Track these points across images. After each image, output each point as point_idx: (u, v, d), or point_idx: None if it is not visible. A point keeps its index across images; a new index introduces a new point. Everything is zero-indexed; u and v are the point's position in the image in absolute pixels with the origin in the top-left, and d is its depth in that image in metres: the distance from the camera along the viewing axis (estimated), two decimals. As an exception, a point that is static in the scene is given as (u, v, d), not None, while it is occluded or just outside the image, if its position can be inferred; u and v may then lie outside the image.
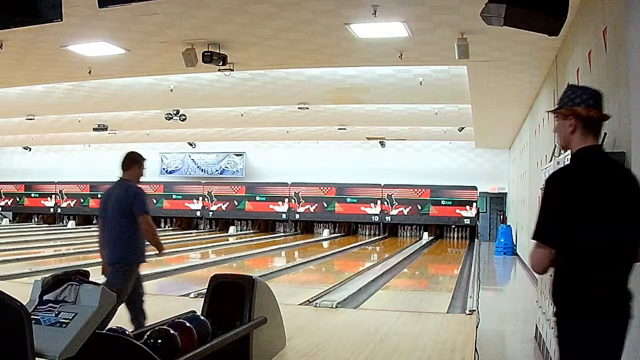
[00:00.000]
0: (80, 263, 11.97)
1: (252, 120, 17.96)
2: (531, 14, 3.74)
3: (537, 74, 9.93)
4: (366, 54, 9.18)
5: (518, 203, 17.32)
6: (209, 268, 11.81)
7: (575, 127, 2.59)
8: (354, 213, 22.54)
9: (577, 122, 2.58)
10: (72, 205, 26.18)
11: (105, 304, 3.15)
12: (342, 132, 20.53)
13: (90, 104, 15.09)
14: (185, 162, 26.34)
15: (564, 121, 2.62)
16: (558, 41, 7.59)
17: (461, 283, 10.82)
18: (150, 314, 5.21)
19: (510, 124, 16.24)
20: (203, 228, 24.58)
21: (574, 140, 2.61)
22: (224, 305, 4.61)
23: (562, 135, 2.65)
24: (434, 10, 7.03)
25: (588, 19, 5.91)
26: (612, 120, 4.72)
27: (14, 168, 27.69)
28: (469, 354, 5.21)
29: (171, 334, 3.79)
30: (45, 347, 2.83)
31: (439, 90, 12.64)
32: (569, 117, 2.59)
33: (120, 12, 7.03)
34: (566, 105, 2.62)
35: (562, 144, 2.70)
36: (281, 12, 7.31)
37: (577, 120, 2.58)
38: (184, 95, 13.81)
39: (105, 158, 26.60)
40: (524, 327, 7.41)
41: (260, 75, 11.94)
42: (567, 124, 2.60)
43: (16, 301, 2.74)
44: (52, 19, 4.07)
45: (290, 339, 5.53)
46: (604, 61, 5.09)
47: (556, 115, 2.67)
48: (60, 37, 8.48)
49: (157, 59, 9.78)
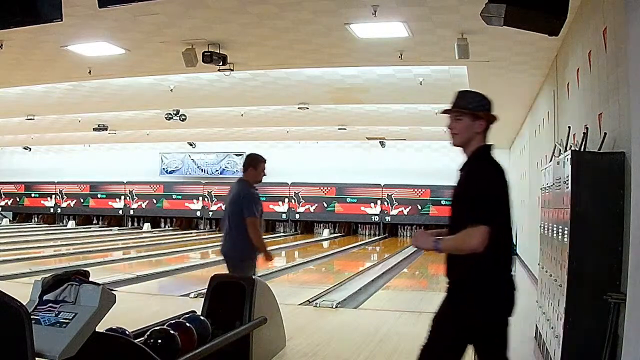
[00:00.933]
0: (80, 263, 11.99)
1: (252, 120, 17.94)
2: (531, 14, 3.73)
3: (537, 74, 9.93)
4: (366, 54, 9.17)
5: (518, 203, 17.31)
6: (208, 268, 11.81)
7: (484, 128, 3.03)
8: (354, 213, 22.54)
9: (485, 125, 3.02)
10: (72, 205, 26.19)
11: (105, 304, 3.15)
12: (342, 132, 20.52)
13: (90, 104, 15.08)
14: (185, 162, 26.33)
15: (472, 122, 2.99)
16: (558, 41, 7.59)
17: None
18: (150, 313, 5.22)
19: (510, 124, 16.22)
20: (203, 228, 24.59)
21: (477, 139, 3.02)
22: (224, 305, 4.61)
23: (467, 133, 3.01)
24: (434, 10, 7.02)
25: (588, 19, 5.91)
26: (612, 120, 4.73)
27: (14, 168, 27.69)
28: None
29: (171, 334, 3.80)
30: (45, 347, 2.83)
31: (439, 90, 12.62)
32: (480, 119, 3.00)
33: (120, 12, 7.03)
34: (477, 110, 3.00)
35: (462, 141, 3.03)
36: (281, 12, 7.30)
37: (486, 122, 3.02)
38: (184, 95, 13.80)
39: (105, 158, 26.63)
40: (524, 327, 7.40)
41: (260, 75, 11.93)
42: (476, 124, 3.00)
43: (16, 301, 2.73)
44: (52, 19, 4.07)
45: (290, 339, 5.53)
46: (604, 61, 5.08)
47: (458, 115, 3.01)
48: (60, 37, 8.47)
49: (157, 59, 9.78)
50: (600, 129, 5.02)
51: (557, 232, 5.03)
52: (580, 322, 4.28)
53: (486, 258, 2.83)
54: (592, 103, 5.53)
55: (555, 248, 5.11)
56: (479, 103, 3.03)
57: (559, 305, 4.65)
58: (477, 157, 3.03)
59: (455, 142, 3.06)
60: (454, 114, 3.03)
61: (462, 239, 2.84)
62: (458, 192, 3.04)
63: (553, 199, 5.44)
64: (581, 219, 4.30)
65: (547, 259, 5.83)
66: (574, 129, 6.23)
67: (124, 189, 25.57)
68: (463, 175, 3.03)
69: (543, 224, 6.20)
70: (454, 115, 3.02)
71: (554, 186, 5.36)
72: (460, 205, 2.98)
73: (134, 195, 25.40)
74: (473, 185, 2.93)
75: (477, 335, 2.94)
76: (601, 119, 5.08)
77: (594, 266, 4.23)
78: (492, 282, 2.91)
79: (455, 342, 2.94)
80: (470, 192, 2.92)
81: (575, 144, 5.88)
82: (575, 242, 4.33)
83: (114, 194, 25.67)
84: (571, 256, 4.33)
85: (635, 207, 3.58)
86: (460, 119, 3.00)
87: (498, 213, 2.88)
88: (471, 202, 2.87)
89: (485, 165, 2.99)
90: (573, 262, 4.31)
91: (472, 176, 2.97)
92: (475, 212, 2.84)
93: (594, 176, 4.35)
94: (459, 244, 2.86)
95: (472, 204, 2.86)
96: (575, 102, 6.71)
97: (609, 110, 4.82)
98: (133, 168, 25.82)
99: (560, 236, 4.84)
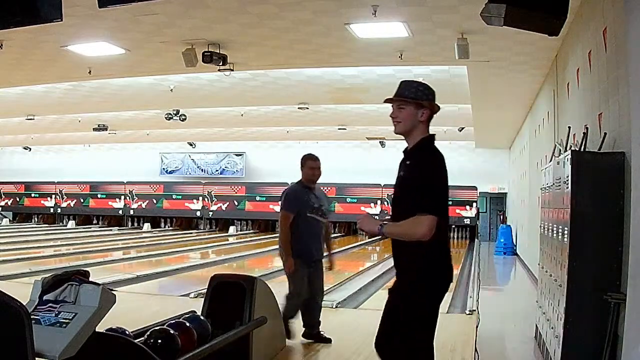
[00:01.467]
0: (80, 263, 11.98)
1: (252, 120, 17.95)
2: (531, 14, 3.73)
3: (537, 74, 9.93)
4: (366, 54, 9.18)
5: (518, 203, 17.31)
6: (209, 268, 11.81)
7: (427, 117, 3.08)
8: (354, 213, 22.54)
9: (429, 114, 3.08)
10: (72, 205, 26.18)
11: (105, 304, 3.15)
12: (342, 132, 20.53)
13: (90, 104, 15.09)
14: (185, 162, 26.33)
15: (416, 110, 3.06)
16: (558, 41, 7.59)
17: (461, 283, 10.82)
18: (150, 313, 5.22)
19: (510, 124, 16.23)
20: (203, 228, 24.58)
21: (420, 128, 3.08)
22: (224, 305, 4.60)
23: (410, 122, 3.07)
24: (434, 10, 7.02)
25: (588, 19, 5.91)
26: (612, 120, 4.73)
27: (14, 168, 27.69)
28: (469, 354, 5.22)
29: (171, 334, 3.79)
30: (45, 347, 2.83)
31: (439, 90, 12.56)
32: (424, 108, 3.06)
33: (120, 12, 7.03)
34: (422, 99, 3.06)
35: (405, 130, 3.10)
36: (281, 12, 7.30)
37: (429, 111, 3.08)
38: (184, 95, 13.81)
39: (105, 158, 26.63)
40: (524, 327, 7.40)
41: (260, 75, 11.93)
42: (419, 113, 3.06)
43: (16, 301, 2.73)
44: (52, 19, 4.07)
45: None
46: (604, 61, 5.08)
47: (402, 103, 3.07)
48: (60, 37, 8.47)
49: (157, 59, 9.78)
50: (600, 129, 5.02)
51: (557, 232, 5.03)
52: (580, 322, 4.28)
53: (432, 247, 2.92)
54: (592, 103, 5.53)
55: (555, 248, 5.12)
56: (423, 92, 3.09)
57: (559, 305, 4.65)
58: (422, 147, 3.08)
59: (398, 129, 3.12)
60: (397, 103, 3.10)
61: (410, 226, 2.89)
62: (403, 180, 3.08)
63: (553, 199, 5.44)
64: (581, 219, 4.30)
65: (547, 259, 5.83)
66: (574, 129, 6.23)
67: (124, 189, 25.57)
68: (409, 164, 3.07)
69: (543, 224, 6.20)
70: (397, 104, 3.10)
71: (554, 186, 5.36)
72: (405, 193, 3.03)
73: (134, 195, 25.40)
74: (420, 174, 2.98)
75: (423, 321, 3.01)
76: (601, 119, 5.08)
77: (594, 266, 4.23)
78: (438, 270, 3.01)
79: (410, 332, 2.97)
80: (417, 181, 2.97)
81: (575, 144, 5.88)
82: (575, 242, 4.33)
83: (114, 194, 25.67)
84: (571, 256, 4.33)
85: (635, 207, 3.58)
86: (404, 108, 3.07)
87: (443, 203, 2.99)
88: (418, 191, 2.93)
89: (431, 156, 3.04)
90: (573, 262, 4.32)
91: (419, 166, 3.02)
92: (424, 201, 2.90)
93: (594, 176, 4.35)
94: (406, 231, 2.92)
95: (420, 193, 2.92)
96: (575, 102, 6.71)
97: (609, 110, 4.82)
98: (133, 168, 25.83)
99: (560, 236, 4.84)
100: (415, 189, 2.94)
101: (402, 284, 3.04)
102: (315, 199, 5.52)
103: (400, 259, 3.07)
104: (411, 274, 3.00)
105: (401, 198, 3.07)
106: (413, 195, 2.93)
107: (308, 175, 5.54)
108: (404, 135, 3.13)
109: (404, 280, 3.04)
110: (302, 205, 5.42)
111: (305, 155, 5.66)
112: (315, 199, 5.52)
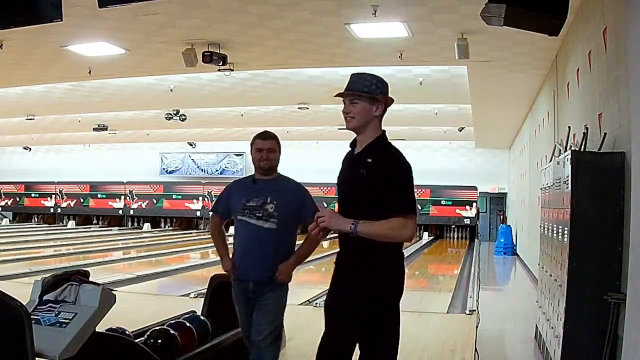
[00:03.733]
0: (80, 263, 11.98)
1: (252, 120, 17.94)
2: (531, 14, 3.73)
3: (537, 74, 9.93)
4: (366, 54, 9.17)
5: (518, 203, 17.31)
6: (209, 268, 11.79)
7: (381, 112, 2.95)
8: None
9: (383, 108, 2.95)
10: (72, 205, 26.17)
11: (105, 304, 3.15)
12: (342, 132, 20.48)
13: (90, 104, 15.09)
14: (185, 162, 26.34)
15: (370, 105, 2.91)
16: (558, 41, 7.59)
17: (461, 283, 10.83)
18: (150, 314, 5.21)
19: (510, 124, 16.23)
20: (203, 228, 24.55)
21: (374, 123, 2.94)
22: (224, 305, 4.60)
23: (364, 117, 2.91)
24: (434, 10, 7.02)
25: (588, 19, 5.91)
26: (612, 120, 4.73)
27: (14, 168, 27.68)
28: (469, 354, 5.22)
29: (171, 334, 3.80)
30: (45, 347, 2.83)
31: (439, 90, 12.63)
32: (378, 103, 2.92)
33: (120, 12, 7.03)
34: (376, 93, 2.92)
35: (359, 125, 2.93)
36: (281, 12, 7.30)
37: (384, 106, 2.95)
38: (184, 95, 13.81)
39: (105, 158, 26.62)
40: (524, 327, 7.40)
41: (260, 75, 11.93)
42: (373, 107, 2.92)
43: (16, 301, 2.74)
44: (52, 19, 4.06)
45: (290, 339, 5.52)
46: (604, 61, 5.08)
47: (355, 98, 2.90)
48: (60, 37, 8.47)
49: (157, 59, 9.78)
50: (600, 129, 5.02)
51: (557, 232, 5.03)
52: (580, 322, 4.28)
53: (395, 246, 2.85)
54: (592, 103, 5.53)
55: (555, 248, 5.12)
56: (377, 86, 2.95)
57: (559, 305, 4.65)
58: (384, 144, 2.96)
59: (350, 125, 2.95)
60: (349, 98, 2.92)
61: (394, 228, 2.75)
62: (365, 179, 2.85)
63: (553, 199, 5.44)
64: (581, 219, 4.30)
65: (547, 259, 5.83)
66: (574, 129, 6.23)
67: (124, 189, 25.56)
68: (372, 162, 2.87)
69: (543, 224, 6.20)
70: (350, 98, 2.92)
71: (554, 186, 5.36)
72: (369, 193, 2.82)
73: (134, 195, 25.39)
74: (395, 174, 2.84)
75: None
76: (601, 119, 5.08)
77: (594, 266, 4.23)
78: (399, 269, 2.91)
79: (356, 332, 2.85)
80: (391, 180, 2.81)
81: (575, 144, 5.88)
82: (575, 242, 4.33)
83: (114, 194, 25.66)
84: (571, 256, 4.33)
85: (635, 207, 3.58)
86: (357, 102, 2.91)
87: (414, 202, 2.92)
88: (394, 191, 2.78)
89: (399, 155, 2.91)
90: (573, 262, 4.32)
91: (391, 165, 2.87)
92: (406, 202, 2.81)
93: (594, 176, 4.35)
94: (389, 232, 2.76)
95: (399, 193, 2.80)
96: (575, 102, 6.71)
97: (609, 110, 4.82)
98: (133, 168, 25.82)
99: (560, 236, 4.84)
100: (389, 188, 2.78)
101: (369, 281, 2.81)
102: (261, 194, 3.81)
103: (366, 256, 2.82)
104: (381, 273, 2.82)
105: (361, 197, 2.85)
106: (381, 195, 2.77)
107: (254, 161, 3.92)
108: (357, 132, 2.97)
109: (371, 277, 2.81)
110: (231, 204, 3.95)
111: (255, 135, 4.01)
112: (261, 194, 3.81)
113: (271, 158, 3.89)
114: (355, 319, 2.82)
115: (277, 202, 3.78)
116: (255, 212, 3.78)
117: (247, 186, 3.92)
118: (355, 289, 2.81)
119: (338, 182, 3.07)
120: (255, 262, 3.76)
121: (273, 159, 3.90)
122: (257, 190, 3.84)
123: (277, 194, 3.81)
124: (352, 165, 2.97)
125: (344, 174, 3.02)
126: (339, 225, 2.80)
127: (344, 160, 3.09)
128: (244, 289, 3.81)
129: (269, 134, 3.98)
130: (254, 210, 3.78)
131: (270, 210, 3.77)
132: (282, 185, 3.92)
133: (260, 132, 4.00)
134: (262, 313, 3.77)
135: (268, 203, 3.78)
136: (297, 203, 3.85)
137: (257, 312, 3.78)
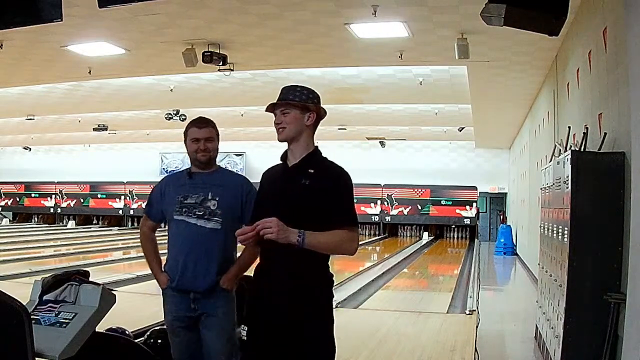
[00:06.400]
0: (80, 263, 11.98)
1: (252, 120, 17.95)
2: (531, 14, 3.73)
3: (537, 74, 9.93)
4: (366, 54, 9.17)
5: (518, 203, 17.31)
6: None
7: (313, 122, 2.90)
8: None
9: (315, 118, 2.90)
10: (72, 205, 26.19)
11: (105, 304, 3.15)
12: (342, 132, 20.52)
13: (90, 104, 15.09)
14: (185, 162, 26.20)
15: (302, 114, 2.85)
16: (558, 41, 7.59)
17: (461, 283, 10.83)
18: (150, 314, 5.22)
19: (510, 124, 16.24)
20: (203, 228, 24.56)
21: (307, 133, 2.90)
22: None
23: (296, 126, 2.86)
24: (434, 10, 7.02)
25: (588, 19, 5.91)
26: (612, 120, 4.73)
27: (14, 168, 27.68)
28: (469, 354, 5.22)
29: (171, 334, 3.78)
30: (45, 347, 2.83)
31: (439, 90, 12.63)
32: (310, 112, 2.86)
33: (120, 12, 7.03)
34: (307, 102, 2.86)
35: (291, 135, 2.88)
36: (281, 12, 7.30)
37: (316, 115, 2.89)
38: (184, 95, 13.81)
39: (105, 158, 26.62)
40: (524, 327, 7.41)
41: (260, 75, 11.93)
42: (305, 117, 2.87)
43: (16, 301, 2.73)
44: (52, 19, 4.06)
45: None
46: (604, 61, 5.09)
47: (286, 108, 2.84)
48: (60, 37, 8.47)
49: (157, 59, 9.78)
50: (600, 129, 5.02)
51: (557, 232, 5.03)
52: (580, 322, 4.29)
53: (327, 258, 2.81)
54: (592, 103, 5.53)
55: (555, 248, 5.12)
56: (307, 96, 2.89)
57: (559, 305, 4.65)
58: (320, 157, 2.96)
59: (282, 136, 2.88)
60: (281, 109, 2.85)
61: (341, 240, 2.72)
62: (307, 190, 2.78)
63: (553, 199, 5.44)
64: (581, 219, 4.31)
65: (547, 259, 5.83)
66: (574, 129, 6.23)
67: (124, 189, 25.57)
68: (314, 173, 2.82)
69: (543, 224, 6.20)
70: (281, 109, 2.85)
71: (554, 186, 5.36)
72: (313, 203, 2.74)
73: (134, 195, 25.40)
74: (340, 185, 2.84)
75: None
76: (601, 119, 5.08)
77: (594, 266, 4.23)
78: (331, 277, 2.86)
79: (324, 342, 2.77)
80: (336, 192, 2.79)
81: (575, 144, 5.89)
82: (575, 242, 4.33)
83: (114, 194, 25.67)
84: (571, 256, 4.34)
85: (635, 207, 3.58)
86: (289, 112, 2.84)
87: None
88: (338, 203, 2.77)
89: (340, 166, 2.93)
90: (573, 262, 4.32)
91: (335, 176, 2.87)
92: (351, 214, 2.81)
93: (594, 176, 4.35)
94: (337, 245, 2.73)
95: (343, 205, 2.80)
96: (575, 102, 6.72)
97: (609, 110, 4.82)
98: (133, 168, 25.82)
99: (560, 236, 4.84)
100: (334, 199, 2.76)
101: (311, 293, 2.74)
102: (200, 190, 3.36)
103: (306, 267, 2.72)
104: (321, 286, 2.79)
105: (304, 208, 2.74)
106: (325, 206, 2.73)
107: (190, 153, 3.44)
108: (289, 142, 2.89)
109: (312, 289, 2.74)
110: (165, 203, 3.45)
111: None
112: (200, 190, 3.36)
113: (210, 148, 3.40)
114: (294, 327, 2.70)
115: (220, 199, 3.34)
116: (194, 211, 3.31)
117: (183, 181, 3.43)
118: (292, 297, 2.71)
119: (260, 198, 2.98)
120: (200, 267, 3.27)
121: (212, 150, 3.42)
122: (195, 186, 3.37)
123: (218, 189, 3.36)
124: (287, 178, 2.87)
125: (276, 187, 2.90)
126: (287, 238, 2.61)
127: (270, 174, 3.00)
128: (184, 302, 3.30)
129: (205, 120, 3.46)
130: (193, 208, 3.31)
131: (212, 208, 3.31)
132: (224, 179, 3.46)
133: (195, 118, 3.49)
134: (213, 331, 3.27)
135: (209, 200, 3.33)
136: (241, 200, 3.39)
137: (206, 330, 3.28)
